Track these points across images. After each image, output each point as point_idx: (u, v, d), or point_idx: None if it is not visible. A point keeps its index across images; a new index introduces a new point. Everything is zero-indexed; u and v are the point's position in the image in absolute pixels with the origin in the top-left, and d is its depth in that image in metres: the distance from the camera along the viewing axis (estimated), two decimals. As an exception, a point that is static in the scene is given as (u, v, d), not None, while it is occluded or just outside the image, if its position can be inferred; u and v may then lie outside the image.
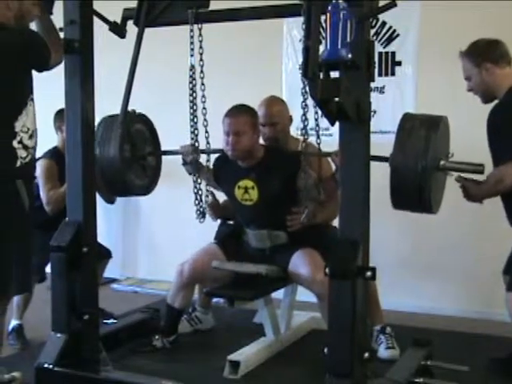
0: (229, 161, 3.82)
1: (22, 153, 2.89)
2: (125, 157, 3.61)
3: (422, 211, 3.04)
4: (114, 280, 5.77)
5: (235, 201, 3.86)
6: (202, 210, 3.86)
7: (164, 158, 3.92)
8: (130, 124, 3.64)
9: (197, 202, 3.85)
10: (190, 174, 3.84)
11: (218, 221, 4.17)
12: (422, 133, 2.85)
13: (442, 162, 2.96)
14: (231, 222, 4.19)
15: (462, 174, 3.24)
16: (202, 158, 3.86)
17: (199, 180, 3.83)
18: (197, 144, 3.74)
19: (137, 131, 3.75)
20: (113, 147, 3.55)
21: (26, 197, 2.92)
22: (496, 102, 3.39)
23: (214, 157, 3.93)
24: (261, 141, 3.90)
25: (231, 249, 3.94)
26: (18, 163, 2.89)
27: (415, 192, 2.86)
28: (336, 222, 3.83)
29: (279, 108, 4.03)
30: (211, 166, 3.92)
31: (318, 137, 3.51)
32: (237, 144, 3.68)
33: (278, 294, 4.02)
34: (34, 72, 2.97)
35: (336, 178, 3.52)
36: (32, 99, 2.96)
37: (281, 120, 3.97)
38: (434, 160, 2.88)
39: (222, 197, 4.05)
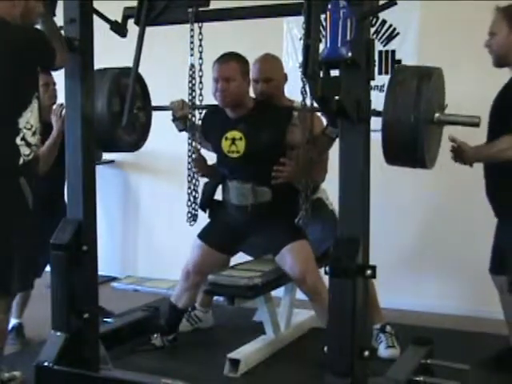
0: (217, 113, 3.74)
1: (24, 150, 2.89)
2: (113, 111, 3.51)
3: (415, 166, 2.91)
4: (113, 278, 5.77)
5: (222, 154, 3.75)
6: (194, 212, 3.81)
7: (165, 156, 3.92)
8: (119, 78, 3.56)
9: (189, 203, 3.77)
10: (181, 130, 3.79)
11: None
12: (414, 84, 2.73)
13: (436, 115, 2.84)
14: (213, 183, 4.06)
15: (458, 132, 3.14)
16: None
17: (196, 182, 3.78)
18: (194, 101, 3.66)
19: (126, 86, 3.61)
20: (101, 101, 3.47)
21: (29, 194, 2.91)
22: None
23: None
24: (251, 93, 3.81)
25: (213, 237, 3.88)
26: (21, 160, 2.88)
27: (408, 146, 2.74)
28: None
29: (273, 64, 3.96)
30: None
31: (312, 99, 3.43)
32: (226, 91, 3.59)
33: (278, 293, 4.03)
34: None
35: (326, 133, 3.49)
36: (37, 96, 2.96)
37: (275, 76, 3.88)
38: (427, 112, 2.77)
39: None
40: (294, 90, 3.57)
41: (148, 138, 3.87)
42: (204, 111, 3.78)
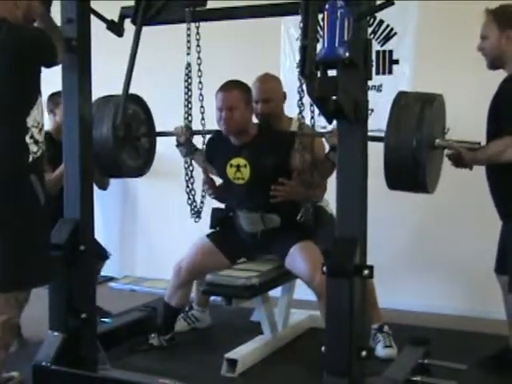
0: (221, 139, 3.78)
1: (33, 148, 2.92)
2: (118, 137, 3.56)
3: (416, 190, 2.97)
4: (111, 278, 5.77)
5: (227, 180, 3.81)
6: (196, 209, 3.84)
7: (163, 157, 3.92)
8: (124, 105, 3.58)
9: (190, 201, 3.81)
10: (185, 156, 3.82)
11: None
12: (417, 109, 2.79)
13: (437, 140, 2.90)
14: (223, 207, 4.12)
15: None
16: (197, 142, 3.86)
17: (192, 180, 3.80)
18: (191, 126, 3.71)
19: (131, 112, 3.71)
20: (106, 127, 3.53)
21: (40, 191, 2.94)
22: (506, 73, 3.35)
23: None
24: (254, 119, 3.86)
25: (224, 241, 3.91)
26: (31, 158, 2.92)
27: (410, 170, 2.79)
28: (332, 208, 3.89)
29: (273, 84, 4.00)
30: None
31: (313, 118, 3.45)
32: (230, 119, 3.63)
33: (276, 293, 4.02)
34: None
35: (329, 158, 3.52)
36: (41, 94, 2.99)
37: (274, 96, 3.92)
38: (428, 138, 2.82)
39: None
40: (292, 90, 3.57)
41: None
42: (208, 136, 3.86)
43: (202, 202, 3.87)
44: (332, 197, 2.94)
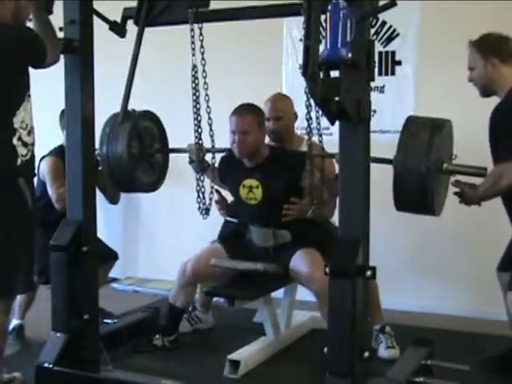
0: (234, 160, 3.84)
1: (21, 150, 2.89)
2: (133, 154, 3.63)
3: (424, 213, 3.07)
4: (114, 279, 5.76)
5: (240, 200, 3.88)
6: (205, 206, 3.85)
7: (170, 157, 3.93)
8: (138, 121, 3.67)
9: (199, 199, 3.81)
10: (197, 172, 3.84)
11: (222, 219, 4.16)
12: (426, 135, 2.86)
13: (445, 165, 2.97)
14: (235, 221, 4.19)
15: (464, 178, 3.23)
16: (208, 157, 3.87)
17: (203, 178, 3.81)
18: (202, 142, 3.73)
19: (145, 128, 3.77)
20: (120, 144, 3.57)
21: (28, 195, 2.92)
22: (499, 99, 3.38)
23: (219, 155, 3.94)
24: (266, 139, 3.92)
25: (234, 248, 3.94)
26: (19, 161, 2.88)
27: (418, 194, 2.88)
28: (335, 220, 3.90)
29: (284, 103, 4.09)
30: (217, 165, 3.92)
31: (320, 135, 3.52)
32: (243, 143, 3.71)
33: (278, 294, 4.02)
34: (34, 71, 2.98)
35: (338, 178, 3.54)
36: (29, 95, 2.96)
37: (285, 115, 4.02)
38: (437, 162, 2.90)
39: (228, 196, 4.06)
40: (295, 90, 3.58)
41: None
42: (220, 155, 3.92)
43: (210, 199, 3.87)
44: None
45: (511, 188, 3.23)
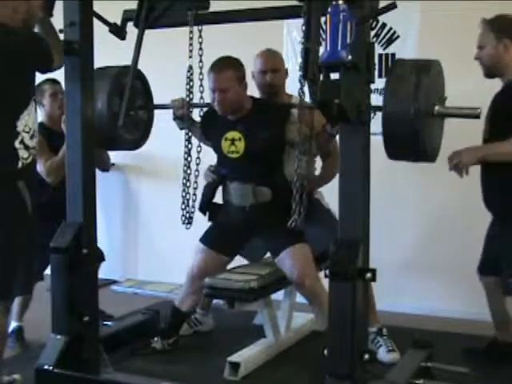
0: (216, 114, 3.75)
1: (23, 153, 2.90)
2: (113, 110, 3.54)
3: (417, 159, 2.92)
4: (113, 281, 5.77)
5: (221, 154, 3.78)
6: (188, 215, 3.81)
7: (166, 159, 3.92)
8: (120, 77, 3.59)
9: (183, 206, 3.79)
10: (181, 128, 3.81)
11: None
12: (413, 77, 2.72)
13: (436, 108, 2.83)
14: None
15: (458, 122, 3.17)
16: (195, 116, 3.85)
17: (189, 184, 3.78)
18: (190, 99, 3.71)
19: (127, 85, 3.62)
20: (101, 100, 3.51)
21: (28, 198, 2.92)
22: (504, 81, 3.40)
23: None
24: (252, 92, 3.84)
25: (217, 240, 3.89)
26: (20, 164, 2.89)
27: (409, 138, 2.73)
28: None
29: (278, 57, 4.06)
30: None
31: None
32: (224, 100, 3.61)
33: (278, 296, 4.02)
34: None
35: (327, 129, 3.52)
36: (34, 100, 2.98)
37: (281, 67, 3.97)
38: (427, 105, 2.76)
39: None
40: (294, 92, 3.57)
41: (149, 141, 3.89)
42: (203, 110, 3.83)
43: (193, 207, 3.84)
44: (334, 199, 2.94)
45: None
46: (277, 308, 4.04)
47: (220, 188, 3.98)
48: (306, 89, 3.15)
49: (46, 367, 3.21)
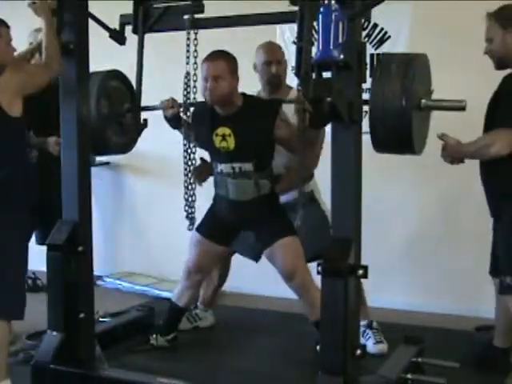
0: (206, 110, 3.73)
1: None
2: (102, 114, 3.56)
3: (403, 152, 2.94)
4: (107, 277, 5.76)
5: (214, 149, 3.74)
6: (192, 216, 3.78)
7: (159, 158, 3.92)
8: (107, 81, 3.61)
9: (186, 207, 3.75)
10: (174, 128, 3.81)
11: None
12: (399, 70, 2.74)
13: (423, 101, 2.85)
14: None
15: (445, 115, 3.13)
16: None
17: (192, 185, 3.75)
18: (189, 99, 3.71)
19: (114, 88, 3.69)
20: (89, 104, 3.49)
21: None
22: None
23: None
24: (254, 86, 3.90)
25: (211, 229, 3.88)
26: None
27: (395, 131, 2.75)
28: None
29: (280, 49, 4.11)
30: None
31: None
32: (215, 89, 3.58)
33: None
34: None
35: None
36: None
37: (283, 59, 4.01)
38: (413, 98, 2.77)
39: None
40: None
41: (142, 140, 3.91)
42: (192, 109, 3.81)
43: (193, 208, 3.81)
44: (327, 197, 2.98)
45: (496, 157, 3.23)
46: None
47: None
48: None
49: (42, 363, 3.24)
